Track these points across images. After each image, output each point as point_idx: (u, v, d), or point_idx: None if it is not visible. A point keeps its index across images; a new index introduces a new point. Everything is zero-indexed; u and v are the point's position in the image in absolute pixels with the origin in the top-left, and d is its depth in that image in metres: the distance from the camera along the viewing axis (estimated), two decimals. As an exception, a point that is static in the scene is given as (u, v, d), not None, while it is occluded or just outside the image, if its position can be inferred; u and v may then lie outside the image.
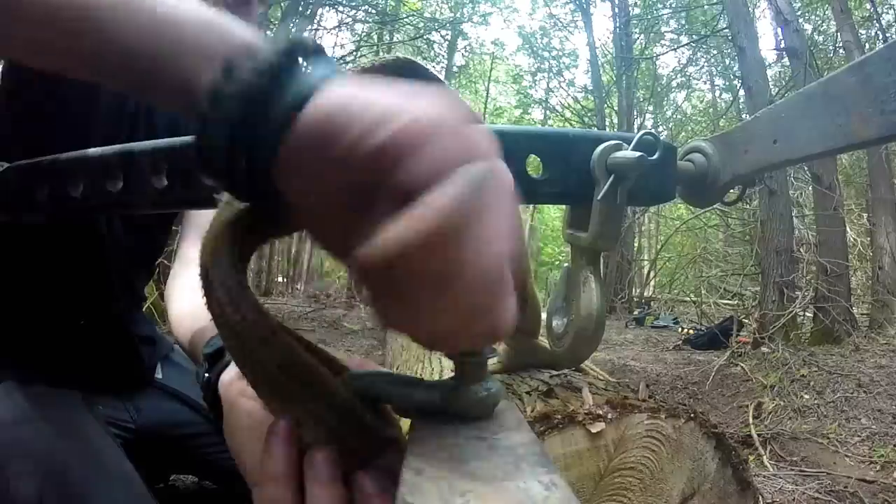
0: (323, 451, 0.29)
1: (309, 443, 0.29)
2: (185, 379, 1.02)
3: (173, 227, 1.08)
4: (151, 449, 0.94)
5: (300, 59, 0.25)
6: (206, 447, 0.99)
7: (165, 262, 1.86)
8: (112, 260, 0.84)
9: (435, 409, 0.27)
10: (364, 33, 11.25)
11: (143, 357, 0.96)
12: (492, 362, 0.66)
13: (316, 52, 0.26)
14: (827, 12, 7.69)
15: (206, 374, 0.53)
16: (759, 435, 2.60)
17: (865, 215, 5.62)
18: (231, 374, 0.50)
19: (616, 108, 11.39)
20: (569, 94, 14.05)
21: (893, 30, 7.16)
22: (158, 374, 1.01)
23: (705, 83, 13.12)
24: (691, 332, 5.60)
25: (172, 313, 0.79)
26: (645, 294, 9.69)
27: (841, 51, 5.84)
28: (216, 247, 0.29)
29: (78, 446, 0.75)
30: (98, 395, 0.88)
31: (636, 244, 11.06)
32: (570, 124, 12.42)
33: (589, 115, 12.30)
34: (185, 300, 0.77)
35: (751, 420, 2.79)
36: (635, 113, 11.22)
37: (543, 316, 0.57)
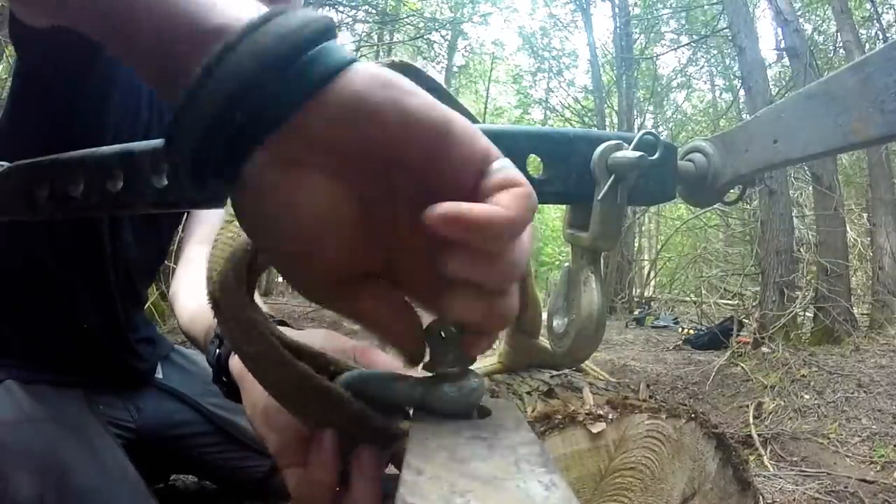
0: (369, 449, 0.32)
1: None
2: (186, 379, 1.03)
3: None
4: (152, 449, 0.94)
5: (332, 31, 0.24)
6: (206, 447, 0.99)
7: (166, 262, 1.86)
8: (117, 267, 0.84)
9: (418, 407, 0.29)
10: (364, 33, 11.25)
11: (143, 357, 0.96)
12: (491, 362, 0.66)
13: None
14: (827, 12, 7.70)
15: (217, 351, 0.54)
16: (759, 435, 2.60)
17: (865, 215, 5.62)
18: None
19: (616, 108, 11.39)
20: (569, 94, 14.07)
21: (893, 30, 7.16)
22: (159, 374, 1.01)
23: (705, 83, 13.15)
24: (691, 332, 5.60)
25: (180, 312, 0.79)
26: (645, 294, 9.69)
27: (841, 51, 5.85)
28: (223, 281, 0.30)
29: (79, 446, 0.76)
30: (99, 394, 0.88)
31: (636, 244, 11.07)
32: (571, 124, 12.42)
33: (589, 115, 12.31)
34: (190, 297, 0.77)
35: (751, 420, 2.79)
36: (635, 113, 11.22)
37: (543, 316, 0.58)
